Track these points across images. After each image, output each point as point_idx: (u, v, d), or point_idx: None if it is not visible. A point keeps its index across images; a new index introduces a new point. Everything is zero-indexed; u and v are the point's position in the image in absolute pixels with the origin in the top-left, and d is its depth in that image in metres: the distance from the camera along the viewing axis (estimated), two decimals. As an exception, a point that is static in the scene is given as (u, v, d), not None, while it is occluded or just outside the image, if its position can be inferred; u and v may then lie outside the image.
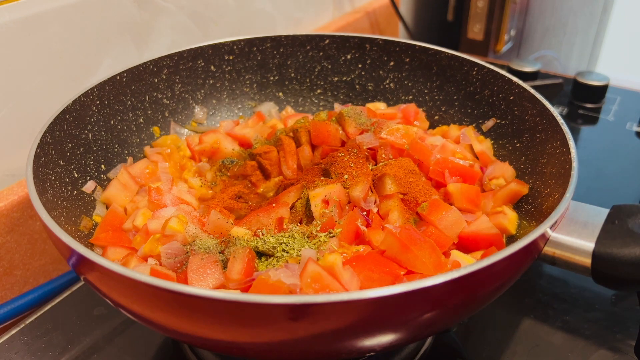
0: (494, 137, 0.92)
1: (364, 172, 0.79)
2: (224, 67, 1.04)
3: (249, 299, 0.47)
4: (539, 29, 1.91)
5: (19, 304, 0.84)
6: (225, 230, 0.73)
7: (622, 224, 0.63)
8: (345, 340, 0.53)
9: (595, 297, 0.85)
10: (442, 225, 0.73)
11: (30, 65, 0.90)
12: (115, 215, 0.79)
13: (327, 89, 1.10)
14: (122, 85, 0.91)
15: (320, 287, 0.58)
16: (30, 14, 0.87)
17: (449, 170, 0.81)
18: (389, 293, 0.48)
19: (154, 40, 1.09)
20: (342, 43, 1.06)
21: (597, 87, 1.35)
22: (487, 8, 1.66)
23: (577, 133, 1.28)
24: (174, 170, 0.90)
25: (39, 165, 0.70)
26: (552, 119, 0.78)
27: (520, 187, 0.79)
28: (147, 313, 0.56)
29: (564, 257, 0.64)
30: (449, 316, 0.59)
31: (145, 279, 0.50)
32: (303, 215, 0.76)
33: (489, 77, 0.93)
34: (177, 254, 0.68)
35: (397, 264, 0.65)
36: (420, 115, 1.00)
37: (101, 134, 0.87)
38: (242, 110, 1.08)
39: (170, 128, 0.99)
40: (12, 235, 0.86)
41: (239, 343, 0.55)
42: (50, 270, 0.93)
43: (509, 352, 0.77)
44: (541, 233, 0.58)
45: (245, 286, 0.65)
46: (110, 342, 0.79)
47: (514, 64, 1.42)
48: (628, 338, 0.78)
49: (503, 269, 0.55)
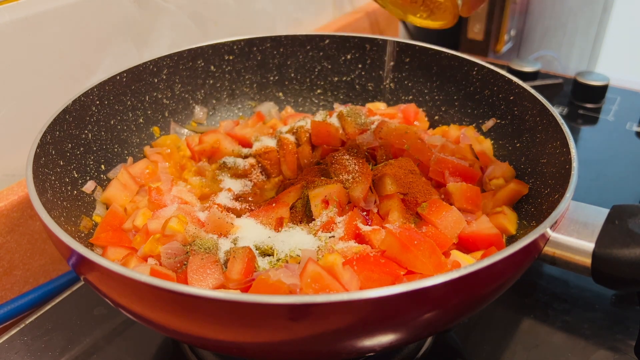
0: (494, 137, 0.92)
1: (364, 172, 0.79)
2: (224, 67, 1.04)
3: (249, 299, 0.47)
4: (539, 29, 1.91)
5: (19, 304, 0.84)
6: (226, 230, 0.73)
7: (622, 224, 0.63)
8: (345, 340, 0.53)
9: (595, 297, 0.85)
10: (442, 225, 0.73)
11: (31, 65, 0.90)
12: (115, 215, 0.79)
13: (327, 89, 1.10)
14: (122, 85, 0.91)
15: (320, 287, 0.58)
16: (30, 14, 0.87)
17: (449, 170, 0.81)
18: (389, 293, 0.48)
19: (154, 40, 1.09)
20: (342, 43, 1.06)
21: (597, 87, 1.35)
22: (487, 8, 1.66)
23: (577, 133, 1.28)
24: (174, 170, 0.90)
25: (39, 165, 0.70)
26: (552, 119, 0.78)
27: (520, 187, 0.79)
28: (147, 313, 0.56)
29: (564, 257, 0.64)
30: (449, 316, 0.59)
31: (145, 279, 0.50)
32: (303, 215, 0.76)
33: (489, 77, 0.93)
34: (177, 254, 0.68)
35: (397, 264, 0.65)
36: (420, 115, 1.00)
37: (101, 134, 0.87)
38: (242, 110, 1.08)
39: (170, 128, 0.99)
40: (12, 235, 0.86)
41: (239, 343, 0.55)
42: (50, 270, 0.93)
43: (509, 352, 0.77)
44: (541, 233, 0.58)
45: (245, 286, 0.65)
46: (110, 342, 0.79)
47: (514, 64, 1.42)
48: (628, 338, 0.78)
49: (503, 269, 0.55)
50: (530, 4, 1.79)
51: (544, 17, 1.92)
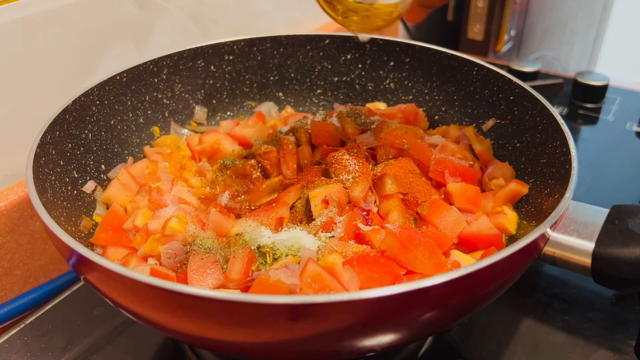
0: (494, 137, 0.92)
1: (364, 172, 0.79)
2: (224, 67, 1.04)
3: (249, 299, 0.47)
4: (539, 29, 1.91)
5: (19, 304, 0.84)
6: (226, 230, 0.73)
7: (622, 224, 0.63)
8: (345, 340, 0.53)
9: (595, 297, 0.85)
10: (442, 225, 0.73)
11: (30, 65, 0.90)
12: (115, 215, 0.79)
13: (327, 89, 1.10)
14: (122, 85, 0.91)
15: (320, 287, 0.58)
16: (30, 14, 0.87)
17: (449, 170, 0.81)
18: (389, 293, 0.48)
19: (154, 40, 1.09)
20: (342, 43, 1.06)
21: (597, 87, 1.35)
22: (487, 8, 1.66)
23: (577, 133, 1.28)
24: (174, 170, 0.90)
25: (39, 165, 0.70)
26: (552, 119, 0.78)
27: (520, 187, 0.79)
28: (147, 313, 0.56)
29: (564, 257, 0.64)
30: (449, 316, 0.59)
31: (145, 279, 0.50)
32: (303, 215, 0.76)
33: (489, 77, 0.93)
34: (177, 254, 0.68)
35: (397, 264, 0.65)
36: (420, 115, 1.00)
37: (101, 134, 0.87)
38: (242, 110, 1.08)
39: (170, 128, 0.99)
40: (12, 235, 0.86)
41: (238, 343, 0.55)
42: (50, 270, 0.93)
43: (509, 352, 0.77)
44: (541, 233, 0.58)
45: (245, 286, 0.65)
46: (110, 342, 0.79)
47: (514, 64, 1.42)
48: (628, 338, 0.78)
49: (503, 269, 0.55)
50: (530, 4, 1.79)
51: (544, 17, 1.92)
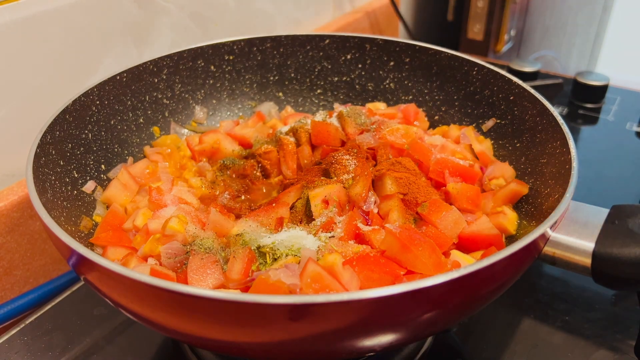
0: (494, 137, 0.92)
1: (364, 172, 0.79)
2: (224, 67, 1.04)
3: (248, 299, 0.47)
4: (539, 29, 1.91)
5: (19, 304, 0.84)
6: (226, 230, 0.73)
7: (622, 224, 0.63)
8: (345, 340, 0.53)
9: (595, 297, 0.85)
10: (442, 225, 0.73)
11: (30, 65, 0.90)
12: (115, 215, 0.79)
13: (327, 89, 1.10)
14: (122, 85, 0.91)
15: (320, 287, 0.58)
16: (30, 14, 0.87)
17: (449, 170, 0.81)
18: (389, 293, 0.48)
19: (154, 40, 1.09)
20: (342, 43, 1.06)
21: (597, 87, 1.35)
22: (487, 8, 1.66)
23: (577, 133, 1.28)
24: (174, 170, 0.90)
25: (39, 165, 0.70)
26: (552, 119, 0.78)
27: (520, 187, 0.79)
28: (147, 313, 0.56)
29: (564, 257, 0.64)
30: (449, 316, 0.59)
31: (145, 279, 0.50)
32: (303, 215, 0.76)
33: (489, 77, 0.93)
34: (177, 254, 0.68)
35: (397, 264, 0.65)
36: (420, 115, 1.00)
37: (101, 134, 0.87)
38: (242, 110, 1.08)
39: (170, 128, 0.99)
40: (12, 235, 0.86)
41: (238, 343, 0.55)
42: (50, 270, 0.93)
43: (509, 352, 0.77)
44: (541, 233, 0.58)
45: (245, 286, 0.65)
46: (110, 342, 0.79)
47: (514, 64, 1.42)
48: (628, 338, 0.78)
49: (503, 269, 0.55)
50: (530, 4, 1.79)
51: (544, 17, 1.91)
